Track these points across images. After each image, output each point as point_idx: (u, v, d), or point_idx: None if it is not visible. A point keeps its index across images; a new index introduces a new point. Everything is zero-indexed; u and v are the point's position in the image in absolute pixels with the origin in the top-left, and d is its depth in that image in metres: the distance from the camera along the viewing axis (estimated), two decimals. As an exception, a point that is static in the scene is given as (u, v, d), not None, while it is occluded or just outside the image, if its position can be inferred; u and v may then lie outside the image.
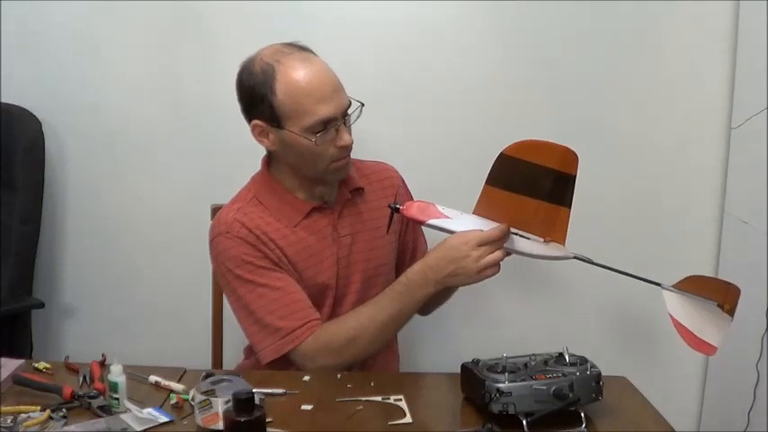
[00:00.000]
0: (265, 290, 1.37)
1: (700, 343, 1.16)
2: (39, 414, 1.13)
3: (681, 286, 1.20)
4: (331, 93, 1.33)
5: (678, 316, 1.16)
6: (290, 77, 1.31)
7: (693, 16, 1.88)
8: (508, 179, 1.26)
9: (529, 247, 1.30)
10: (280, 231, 1.40)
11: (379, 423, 1.16)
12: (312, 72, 1.32)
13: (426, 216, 1.32)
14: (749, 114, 1.82)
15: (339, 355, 1.36)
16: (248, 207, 1.42)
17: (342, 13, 1.85)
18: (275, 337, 1.36)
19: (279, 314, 1.36)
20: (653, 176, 1.94)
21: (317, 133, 1.32)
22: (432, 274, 1.29)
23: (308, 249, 1.42)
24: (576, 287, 1.99)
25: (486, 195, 1.29)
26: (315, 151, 1.34)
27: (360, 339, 1.35)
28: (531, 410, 1.12)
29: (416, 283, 1.31)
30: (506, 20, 1.90)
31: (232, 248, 1.38)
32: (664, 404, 1.27)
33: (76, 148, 1.99)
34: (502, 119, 1.91)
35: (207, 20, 1.91)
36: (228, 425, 0.98)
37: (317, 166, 1.38)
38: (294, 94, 1.31)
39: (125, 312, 2.02)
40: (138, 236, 2.01)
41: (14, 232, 1.87)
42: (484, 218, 1.30)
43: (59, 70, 1.94)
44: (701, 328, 1.15)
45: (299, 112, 1.31)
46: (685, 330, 1.16)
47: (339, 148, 1.35)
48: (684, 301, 1.16)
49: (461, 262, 1.26)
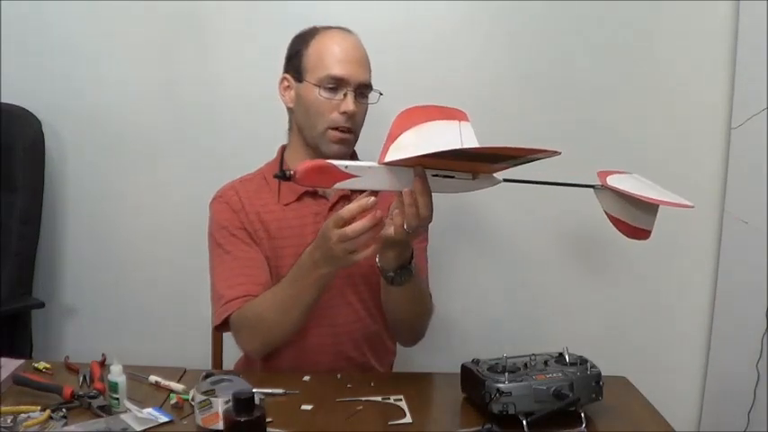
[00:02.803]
0: (228, 257, 1.43)
1: (635, 231, 1.22)
2: (39, 414, 1.13)
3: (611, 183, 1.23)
4: (351, 59, 1.42)
5: (613, 212, 1.21)
6: (324, 38, 1.45)
7: (693, 16, 1.88)
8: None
9: (456, 185, 1.18)
10: (270, 206, 1.47)
11: (379, 423, 1.16)
12: (342, 39, 1.44)
13: (329, 180, 1.15)
14: (749, 114, 1.82)
15: (252, 331, 1.37)
16: (251, 181, 1.51)
17: (342, 13, 1.85)
18: (219, 303, 1.40)
19: (228, 282, 1.40)
20: (653, 176, 1.93)
21: (326, 88, 1.40)
22: (316, 253, 1.24)
23: (291, 230, 1.46)
24: (576, 287, 1.99)
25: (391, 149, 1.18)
26: (319, 108, 1.41)
27: (267, 316, 1.34)
28: (531, 410, 1.12)
29: (307, 264, 1.27)
30: (504, 21, 1.91)
31: (218, 212, 1.47)
32: (664, 404, 1.27)
33: (76, 148, 1.99)
34: (502, 119, 1.91)
35: (207, 20, 1.91)
36: (228, 425, 0.98)
37: (317, 127, 1.42)
38: (320, 50, 1.43)
39: (125, 312, 2.02)
40: (138, 236, 2.01)
41: (14, 232, 1.87)
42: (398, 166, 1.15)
43: (59, 70, 1.94)
44: (634, 218, 1.21)
45: (318, 66, 1.42)
46: (621, 223, 1.21)
47: (341, 113, 1.40)
48: (617, 197, 1.20)
49: (327, 244, 1.19)
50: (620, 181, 1.23)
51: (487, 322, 1.99)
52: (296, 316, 1.33)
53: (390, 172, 1.16)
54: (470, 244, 1.97)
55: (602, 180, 1.22)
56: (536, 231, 1.97)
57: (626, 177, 1.26)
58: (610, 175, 1.23)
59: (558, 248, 1.98)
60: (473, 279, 1.99)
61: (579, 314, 1.99)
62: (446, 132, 1.25)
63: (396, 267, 1.29)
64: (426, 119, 1.26)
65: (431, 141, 1.19)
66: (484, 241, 1.99)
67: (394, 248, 1.26)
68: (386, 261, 1.29)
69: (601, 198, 1.22)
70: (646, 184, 1.25)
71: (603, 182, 1.21)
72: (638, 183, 1.25)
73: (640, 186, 1.23)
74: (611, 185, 1.20)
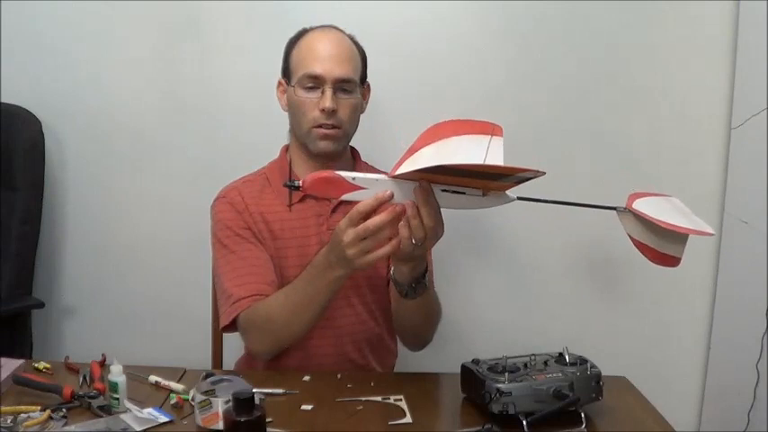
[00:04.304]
0: (234, 257, 1.43)
1: (662, 257, 1.14)
2: (39, 414, 1.13)
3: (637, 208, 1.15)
4: (328, 56, 1.41)
5: (636, 235, 1.14)
6: (307, 38, 1.46)
7: (693, 17, 1.88)
8: None
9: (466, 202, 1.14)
10: (273, 207, 1.47)
11: (379, 423, 1.16)
12: (324, 37, 1.45)
13: (337, 191, 1.14)
14: (749, 114, 1.82)
15: (260, 331, 1.36)
16: (254, 181, 1.51)
17: (343, 14, 1.85)
18: (228, 302, 1.39)
19: (236, 281, 1.40)
20: (653, 176, 1.94)
21: (305, 88, 1.41)
22: (331, 255, 1.22)
23: (294, 231, 1.46)
24: (576, 287, 1.99)
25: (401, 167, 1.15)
26: (301, 108, 1.42)
27: (277, 318, 1.33)
28: (531, 410, 1.12)
29: (321, 266, 1.25)
30: (502, 21, 1.91)
31: (221, 212, 1.47)
32: (664, 404, 1.27)
33: (76, 148, 1.99)
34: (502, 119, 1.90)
35: (207, 20, 1.91)
36: (228, 425, 0.98)
37: (302, 127, 1.43)
38: (302, 50, 1.44)
39: (125, 312, 2.02)
40: (138, 236, 2.01)
41: (14, 232, 1.87)
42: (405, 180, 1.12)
43: (59, 70, 1.94)
44: (660, 244, 1.13)
45: (299, 66, 1.43)
46: (646, 248, 1.14)
47: (321, 111, 1.40)
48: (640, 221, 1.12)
49: (340, 245, 1.17)
50: (648, 204, 1.15)
51: (488, 322, 1.99)
52: (307, 318, 1.33)
53: (398, 185, 1.13)
54: (471, 244, 1.97)
55: (630, 201, 1.15)
56: (536, 233, 1.97)
57: (659, 200, 1.18)
58: (642, 197, 1.16)
59: (558, 249, 1.98)
60: (473, 279, 1.99)
61: (579, 314, 1.99)
62: (472, 148, 1.20)
63: (410, 281, 1.27)
64: (453, 133, 1.24)
65: (450, 156, 1.15)
66: (484, 242, 1.98)
67: (407, 263, 1.24)
68: (400, 274, 1.28)
69: (624, 221, 1.15)
70: (676, 209, 1.18)
71: (629, 204, 1.14)
72: (669, 207, 1.18)
73: (669, 211, 1.15)
74: (634, 209, 1.13)
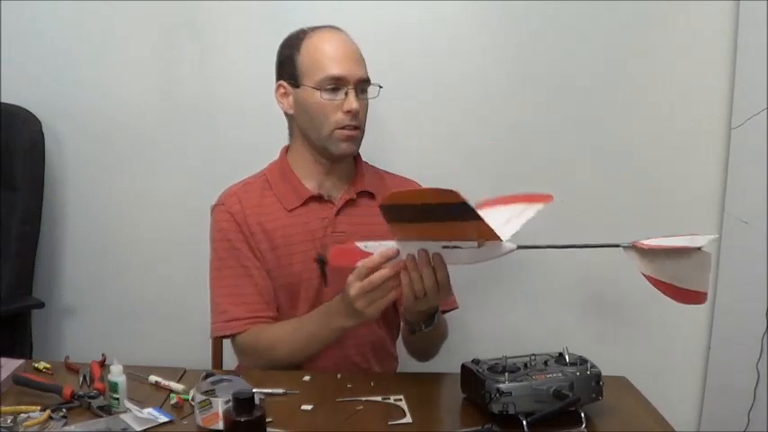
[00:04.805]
0: (231, 272, 1.43)
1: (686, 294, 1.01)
2: (39, 414, 1.13)
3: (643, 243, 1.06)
4: (346, 57, 1.41)
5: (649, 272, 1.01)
6: (314, 40, 1.44)
7: (693, 17, 1.88)
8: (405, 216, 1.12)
9: (464, 256, 1.16)
10: (274, 214, 1.45)
11: (379, 423, 1.16)
12: (333, 38, 1.44)
13: (352, 260, 1.22)
14: (749, 114, 1.82)
15: (260, 357, 1.40)
16: (254, 185, 1.49)
17: (343, 14, 1.84)
18: (222, 318, 1.42)
19: (232, 299, 1.42)
20: (653, 176, 1.94)
21: (326, 90, 1.39)
22: (341, 304, 1.27)
23: (298, 236, 1.45)
24: (576, 287, 1.99)
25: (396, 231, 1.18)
26: (323, 111, 1.40)
27: (280, 348, 1.38)
28: (531, 410, 1.12)
29: (334, 310, 1.30)
30: (501, 20, 1.91)
31: (221, 221, 1.46)
32: (664, 404, 1.27)
33: (76, 148, 1.99)
34: (502, 119, 1.91)
35: (206, 20, 1.91)
36: (228, 425, 0.98)
37: (323, 130, 1.41)
38: (312, 52, 1.42)
39: (125, 312, 2.02)
40: (138, 236, 2.01)
41: (14, 232, 1.87)
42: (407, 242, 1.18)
43: (59, 70, 1.95)
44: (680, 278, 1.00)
45: (314, 68, 1.41)
46: (665, 285, 1.01)
47: (345, 112, 1.39)
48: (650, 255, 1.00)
49: (349, 297, 1.22)
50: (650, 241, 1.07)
51: (488, 322, 1.99)
52: (309, 353, 1.39)
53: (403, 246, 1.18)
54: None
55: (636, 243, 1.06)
56: (537, 235, 1.96)
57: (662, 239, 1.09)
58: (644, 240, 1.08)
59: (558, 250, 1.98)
60: (473, 279, 1.99)
61: (579, 314, 1.99)
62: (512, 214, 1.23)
63: (419, 321, 1.33)
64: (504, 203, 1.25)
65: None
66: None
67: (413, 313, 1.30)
68: (411, 316, 1.32)
69: (632, 258, 1.07)
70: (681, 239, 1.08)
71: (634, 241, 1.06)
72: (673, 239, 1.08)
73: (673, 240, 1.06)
74: (638, 242, 1.05)
